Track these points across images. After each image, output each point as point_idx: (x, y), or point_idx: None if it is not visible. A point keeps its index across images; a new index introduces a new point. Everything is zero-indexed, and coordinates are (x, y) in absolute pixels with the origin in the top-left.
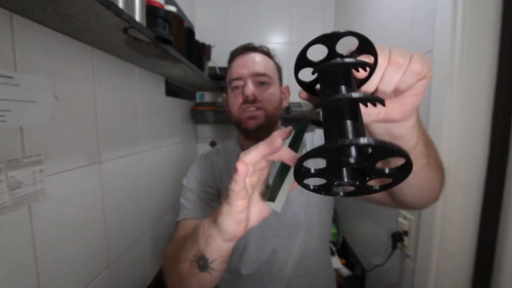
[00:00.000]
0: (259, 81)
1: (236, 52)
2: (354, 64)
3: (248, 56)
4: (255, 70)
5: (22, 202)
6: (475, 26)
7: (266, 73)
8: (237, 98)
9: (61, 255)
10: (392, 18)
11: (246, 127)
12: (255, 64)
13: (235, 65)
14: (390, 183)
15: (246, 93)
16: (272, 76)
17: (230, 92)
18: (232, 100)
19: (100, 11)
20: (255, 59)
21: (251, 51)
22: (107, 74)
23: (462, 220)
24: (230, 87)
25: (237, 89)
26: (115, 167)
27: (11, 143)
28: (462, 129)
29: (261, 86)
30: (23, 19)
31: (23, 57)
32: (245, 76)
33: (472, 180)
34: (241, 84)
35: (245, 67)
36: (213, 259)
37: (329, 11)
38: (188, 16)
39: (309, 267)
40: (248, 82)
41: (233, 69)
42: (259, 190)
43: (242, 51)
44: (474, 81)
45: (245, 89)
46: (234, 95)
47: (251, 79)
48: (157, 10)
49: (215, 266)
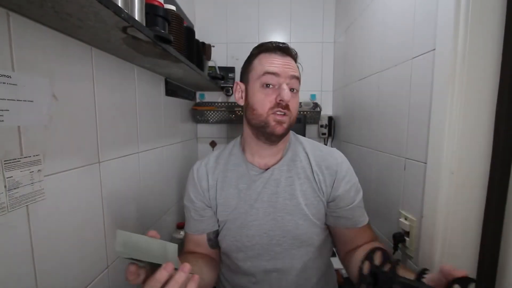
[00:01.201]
0: (291, 87)
1: (271, 46)
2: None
3: (286, 57)
4: (292, 73)
5: (19, 203)
6: (478, 24)
7: (299, 78)
8: (269, 98)
9: (59, 256)
10: (393, 17)
11: (272, 130)
12: (291, 67)
13: (270, 60)
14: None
15: (284, 97)
16: (300, 82)
17: (258, 87)
18: (262, 99)
19: (99, 10)
20: (290, 62)
21: (287, 53)
22: (106, 73)
23: (465, 221)
24: (260, 81)
25: (268, 87)
26: (115, 167)
27: (8, 143)
28: (465, 129)
29: (291, 93)
30: (21, 17)
31: (21, 56)
32: (282, 75)
33: (475, 180)
34: (275, 83)
35: (283, 66)
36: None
37: (329, 11)
38: (188, 15)
39: (310, 276)
40: (284, 85)
41: (267, 63)
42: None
43: (279, 49)
44: (476, 80)
45: (283, 93)
46: (265, 93)
47: (287, 81)
48: (156, 9)
49: None
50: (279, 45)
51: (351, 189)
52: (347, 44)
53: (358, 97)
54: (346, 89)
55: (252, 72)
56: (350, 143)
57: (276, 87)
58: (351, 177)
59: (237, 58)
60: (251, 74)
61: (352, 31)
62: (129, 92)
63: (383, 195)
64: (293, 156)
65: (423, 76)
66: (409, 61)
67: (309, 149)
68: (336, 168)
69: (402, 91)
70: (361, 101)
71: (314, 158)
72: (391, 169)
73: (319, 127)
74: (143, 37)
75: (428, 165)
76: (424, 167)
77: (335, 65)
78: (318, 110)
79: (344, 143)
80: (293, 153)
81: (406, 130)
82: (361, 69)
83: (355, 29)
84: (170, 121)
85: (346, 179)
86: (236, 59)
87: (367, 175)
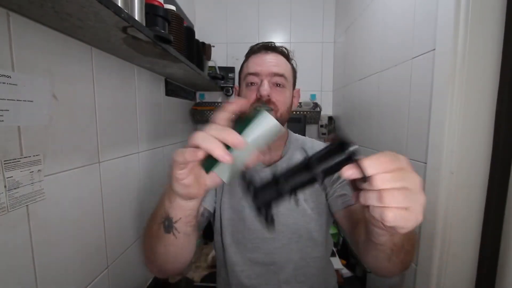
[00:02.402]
0: (275, 82)
1: (256, 48)
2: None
3: (269, 55)
4: (273, 71)
5: (19, 203)
6: (478, 24)
7: (283, 75)
8: (251, 94)
9: (59, 256)
10: (393, 17)
11: None
12: (274, 64)
13: (254, 60)
14: None
15: (262, 92)
16: (288, 78)
17: (244, 86)
18: (245, 95)
19: (99, 10)
20: (275, 59)
21: (272, 50)
22: (106, 73)
23: (465, 221)
24: (245, 82)
25: (252, 85)
26: (115, 167)
27: (8, 143)
28: (465, 128)
29: (276, 88)
30: (21, 17)
31: (21, 56)
32: (262, 73)
33: (475, 179)
34: (257, 81)
35: (264, 65)
36: (177, 218)
37: (329, 11)
38: (188, 15)
39: (309, 273)
40: (264, 81)
41: (251, 64)
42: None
43: (263, 48)
44: (476, 80)
45: (261, 88)
46: (248, 90)
47: (268, 78)
48: (156, 8)
49: (179, 227)
50: (265, 45)
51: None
52: (347, 44)
53: (358, 97)
54: (346, 89)
55: (241, 74)
56: None
57: (259, 84)
58: None
59: (237, 58)
60: (241, 76)
61: (352, 31)
62: (129, 92)
63: None
64: (292, 154)
65: (423, 76)
66: (409, 61)
67: (308, 146)
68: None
69: (402, 91)
70: (361, 101)
71: (313, 152)
72: None
73: (319, 127)
74: (143, 37)
75: (428, 165)
76: (424, 167)
77: (335, 65)
78: (318, 110)
79: None
80: (292, 152)
81: (406, 130)
82: (361, 69)
83: (355, 29)
84: (170, 121)
85: None
86: (236, 59)
87: None
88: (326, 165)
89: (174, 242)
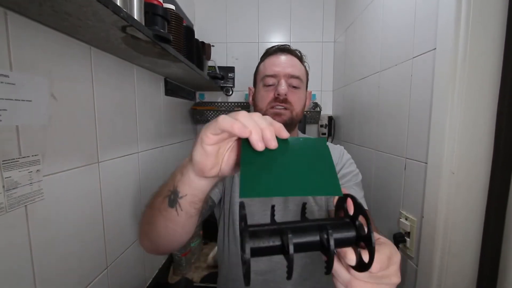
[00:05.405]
0: (291, 84)
1: (272, 50)
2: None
3: (285, 57)
4: (290, 72)
5: (18, 203)
6: (479, 24)
7: (299, 77)
8: (269, 94)
9: (58, 256)
10: (393, 16)
11: None
12: (290, 66)
13: (271, 62)
14: None
15: (280, 91)
16: (303, 80)
17: (260, 87)
18: (262, 95)
19: (98, 9)
20: (290, 61)
21: (287, 53)
22: (105, 73)
23: (466, 221)
24: (262, 83)
25: (269, 86)
26: (114, 167)
27: (7, 143)
28: (465, 128)
29: (292, 89)
30: (19, 16)
31: (19, 55)
32: (280, 75)
33: (476, 179)
34: (275, 82)
35: (281, 66)
36: (183, 194)
37: (329, 11)
38: (187, 14)
39: (314, 270)
40: (282, 81)
41: (268, 66)
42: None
43: (279, 50)
44: (477, 80)
45: (279, 87)
46: (266, 91)
47: (285, 79)
48: (155, 8)
49: (184, 205)
50: (280, 47)
51: (348, 174)
52: (347, 44)
53: (358, 96)
54: (346, 89)
55: (258, 75)
56: (350, 143)
57: (276, 85)
58: (350, 166)
59: (237, 58)
60: (257, 77)
61: (353, 30)
62: (129, 92)
63: (383, 195)
64: None
65: (423, 76)
66: (410, 60)
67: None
68: (336, 161)
69: (403, 91)
70: (361, 101)
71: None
72: (391, 169)
73: (319, 127)
74: (142, 37)
75: (428, 165)
76: (424, 167)
77: (335, 65)
78: (318, 110)
79: (344, 143)
80: None
81: (407, 130)
82: (361, 69)
83: (355, 29)
84: (170, 121)
85: (345, 166)
86: (236, 59)
87: (367, 175)
88: (337, 235)
89: (174, 218)
